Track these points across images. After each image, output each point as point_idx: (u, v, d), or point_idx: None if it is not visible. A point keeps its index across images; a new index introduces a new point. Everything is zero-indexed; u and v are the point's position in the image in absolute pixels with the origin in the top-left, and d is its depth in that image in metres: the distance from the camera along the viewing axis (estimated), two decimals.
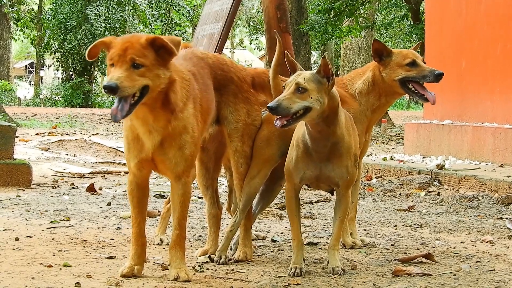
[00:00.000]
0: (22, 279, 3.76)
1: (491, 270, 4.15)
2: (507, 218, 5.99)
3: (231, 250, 4.47)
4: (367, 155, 10.62)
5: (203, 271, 4.09)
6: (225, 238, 4.33)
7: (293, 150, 4.08)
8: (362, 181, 8.28)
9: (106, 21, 35.50)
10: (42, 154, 10.78)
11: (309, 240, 5.02)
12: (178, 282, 3.78)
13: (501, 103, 9.54)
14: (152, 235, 4.97)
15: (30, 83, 57.95)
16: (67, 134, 14.86)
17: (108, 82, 3.52)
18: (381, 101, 4.80)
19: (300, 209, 4.20)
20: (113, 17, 35.79)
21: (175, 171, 3.83)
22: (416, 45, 5.00)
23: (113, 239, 4.93)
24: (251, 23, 50.83)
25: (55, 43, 37.02)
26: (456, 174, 7.87)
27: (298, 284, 3.80)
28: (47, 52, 38.70)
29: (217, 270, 4.12)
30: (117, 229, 5.28)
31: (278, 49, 4.31)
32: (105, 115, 24.45)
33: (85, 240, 4.83)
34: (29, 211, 5.97)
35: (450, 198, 7.01)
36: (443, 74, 4.66)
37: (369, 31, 22.64)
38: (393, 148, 13.72)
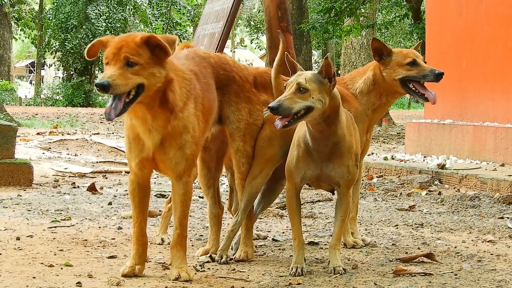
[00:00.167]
0: (23, 278, 3.76)
1: (492, 270, 4.14)
2: (508, 218, 5.99)
3: (232, 249, 4.46)
4: (368, 155, 10.62)
5: (204, 270, 4.09)
6: (226, 237, 4.33)
7: (294, 150, 4.08)
8: (363, 180, 8.28)
9: (107, 20, 35.54)
10: (43, 153, 10.78)
11: (310, 240, 5.02)
12: (179, 281, 3.78)
13: (502, 103, 9.54)
14: (153, 234, 4.97)
15: (31, 83, 57.97)
16: (68, 134, 14.86)
17: (100, 80, 3.52)
18: (381, 100, 4.79)
19: (301, 208, 4.20)
20: (114, 17, 35.83)
21: (176, 170, 3.83)
22: (416, 44, 4.99)
23: (114, 238, 4.93)
24: (251, 23, 50.86)
25: (56, 43, 37.07)
26: (457, 173, 7.86)
27: (299, 284, 3.80)
28: (48, 51, 38.76)
29: (218, 269, 4.12)
30: (118, 229, 5.28)
31: (281, 48, 4.31)
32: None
33: (86, 240, 4.83)
34: (30, 210, 5.97)
35: (451, 197, 7.00)
36: (444, 73, 4.66)
37: (369, 30, 22.65)
38: (394, 148, 13.71)
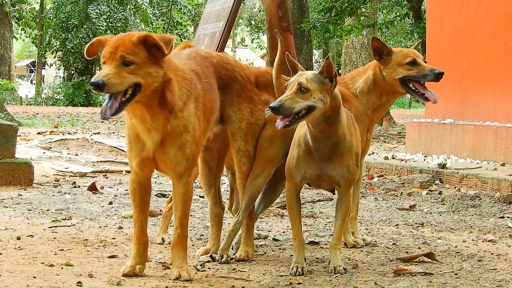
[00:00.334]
0: (23, 278, 3.76)
1: (492, 269, 4.15)
2: (508, 217, 5.99)
3: (232, 249, 4.47)
4: (369, 154, 10.62)
5: (204, 270, 4.09)
6: (227, 237, 4.33)
7: (294, 149, 4.08)
8: (363, 180, 8.28)
9: (108, 20, 35.55)
10: (44, 153, 10.78)
11: (310, 239, 5.02)
12: (180, 281, 3.78)
13: (502, 102, 9.54)
14: (153, 234, 4.97)
15: (31, 82, 57.96)
16: (68, 133, 14.86)
17: (95, 79, 3.52)
18: (382, 100, 4.79)
19: (301, 208, 4.21)
20: (114, 16, 35.84)
21: (176, 170, 3.83)
22: (416, 44, 4.99)
23: (114, 238, 4.93)
24: (252, 22, 50.87)
25: (56, 42, 37.09)
26: (458, 173, 7.86)
27: (299, 283, 3.80)
28: (49, 51, 38.78)
29: (218, 269, 4.12)
30: (118, 228, 5.28)
31: (280, 49, 4.31)
32: None
33: (86, 239, 4.83)
34: (30, 210, 5.97)
35: (451, 197, 7.00)
36: (444, 73, 4.66)
37: (370, 29, 22.66)
38: (394, 147, 13.71)
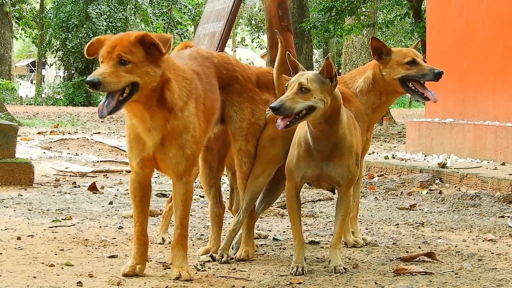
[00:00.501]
0: (24, 278, 3.76)
1: (492, 269, 4.15)
2: (508, 217, 5.99)
3: (232, 249, 4.47)
4: (369, 154, 10.62)
5: (205, 270, 4.09)
6: (228, 237, 4.33)
7: (294, 149, 4.08)
8: (363, 179, 8.28)
9: (108, 19, 35.54)
10: (44, 153, 10.77)
11: (310, 239, 5.02)
12: (180, 281, 3.78)
13: (502, 102, 9.54)
14: (154, 234, 4.97)
15: (31, 82, 57.95)
16: (68, 133, 14.86)
17: (91, 77, 3.53)
18: (381, 99, 4.80)
19: (301, 208, 4.21)
20: (114, 16, 35.83)
21: (176, 170, 3.84)
22: (415, 43, 4.99)
23: (115, 238, 4.93)
24: (252, 22, 50.85)
25: (56, 42, 37.07)
26: (458, 172, 7.86)
27: (300, 283, 3.80)
28: (49, 50, 38.77)
29: (219, 269, 4.13)
30: (119, 228, 5.28)
31: (281, 49, 4.31)
32: None
33: (87, 239, 4.83)
34: (31, 210, 5.97)
35: (451, 196, 7.00)
36: (443, 72, 4.66)
37: (370, 29, 22.64)
38: (394, 147, 13.71)
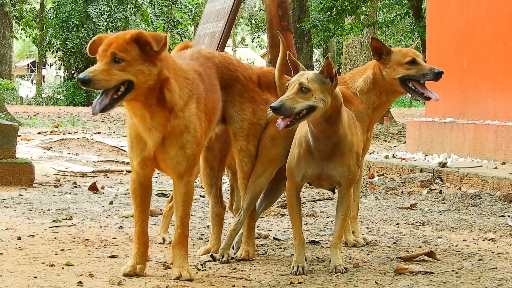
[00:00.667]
0: (24, 278, 3.76)
1: (493, 268, 4.15)
2: (509, 216, 5.99)
3: (233, 248, 4.47)
4: (369, 153, 10.62)
5: (205, 269, 4.10)
6: (228, 236, 4.34)
7: (295, 148, 4.08)
8: (364, 179, 8.28)
9: (108, 19, 35.52)
10: (44, 153, 10.77)
11: (311, 239, 5.02)
12: (181, 281, 3.78)
13: (502, 101, 9.54)
14: (154, 234, 4.97)
15: (32, 82, 57.94)
16: (69, 133, 14.86)
17: (82, 74, 3.55)
18: (381, 99, 4.80)
19: (301, 207, 4.21)
20: (114, 16, 35.82)
21: (177, 170, 3.84)
22: (414, 44, 4.99)
23: (115, 238, 4.93)
24: (252, 21, 50.84)
25: (57, 42, 37.05)
26: (458, 172, 7.86)
27: (300, 283, 3.80)
28: (49, 50, 38.74)
29: (219, 269, 4.13)
30: (119, 228, 5.28)
31: (282, 49, 4.31)
32: (107, 113, 24.45)
33: (87, 239, 4.83)
34: (31, 210, 5.97)
35: (452, 196, 7.00)
36: (443, 72, 4.66)
37: (370, 29, 22.63)
38: (395, 146, 13.71)
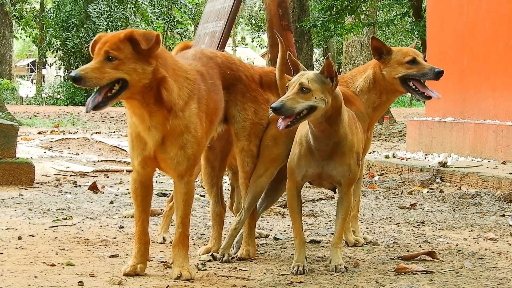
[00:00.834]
0: (25, 278, 3.76)
1: (493, 268, 4.15)
2: (509, 215, 5.99)
3: (233, 248, 4.47)
4: (369, 153, 10.62)
5: (206, 269, 4.10)
6: (229, 236, 4.34)
7: (295, 148, 4.09)
8: (364, 178, 8.28)
9: (108, 19, 35.52)
10: (45, 152, 10.77)
11: (311, 238, 5.02)
12: (181, 280, 3.79)
13: (503, 100, 9.54)
14: (155, 233, 4.98)
15: (32, 82, 57.95)
16: (69, 133, 14.86)
17: (73, 72, 3.58)
18: (382, 99, 4.80)
19: (302, 207, 4.21)
20: (114, 15, 35.81)
21: (177, 170, 3.84)
22: (413, 43, 5.00)
23: (115, 237, 4.93)
24: (253, 21, 50.82)
25: (57, 42, 37.05)
26: (459, 171, 7.86)
27: (300, 282, 3.80)
28: (49, 50, 38.74)
29: (219, 268, 4.13)
30: (119, 228, 5.28)
31: (281, 49, 4.31)
32: (107, 113, 24.46)
33: (87, 239, 4.84)
34: (31, 210, 5.97)
35: (452, 195, 7.00)
36: (443, 71, 4.66)
37: (371, 28, 22.63)
38: (395, 146, 13.71)
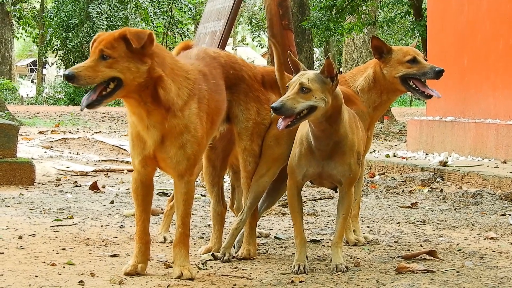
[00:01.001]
0: (25, 277, 3.76)
1: (494, 267, 4.15)
2: (510, 215, 5.99)
3: (234, 247, 4.47)
4: (370, 152, 10.62)
5: (206, 268, 4.10)
6: (230, 235, 4.34)
7: (296, 147, 4.09)
8: (365, 178, 8.28)
9: (108, 19, 35.53)
10: (45, 152, 10.77)
11: (312, 237, 5.02)
12: (182, 280, 3.79)
13: (503, 100, 9.54)
14: (155, 233, 4.98)
15: (32, 82, 57.96)
16: (70, 132, 14.86)
17: (67, 70, 3.60)
18: (382, 98, 4.80)
19: (302, 206, 4.21)
20: (115, 15, 35.82)
21: (177, 169, 3.84)
22: (413, 43, 5.00)
23: (116, 237, 4.93)
24: (253, 21, 50.83)
25: (57, 41, 37.07)
26: (459, 170, 7.86)
27: (301, 282, 3.80)
28: (50, 50, 38.76)
29: (220, 267, 4.13)
30: (120, 227, 5.28)
31: (276, 51, 4.32)
32: (108, 113, 24.46)
33: (88, 239, 4.84)
34: (32, 209, 5.97)
35: (453, 194, 7.00)
36: (444, 70, 4.66)
37: (371, 27, 22.62)
38: (396, 145, 13.71)
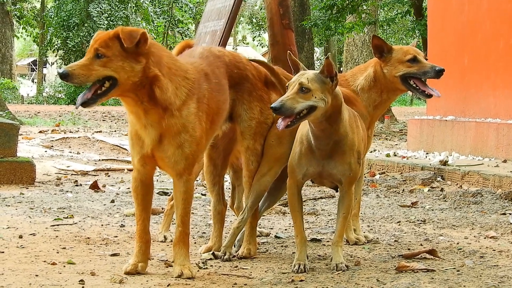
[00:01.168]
0: (26, 276, 3.77)
1: (494, 266, 4.15)
2: (510, 214, 5.99)
3: (234, 247, 4.47)
4: (370, 151, 10.62)
5: (206, 267, 4.10)
6: (231, 234, 4.34)
7: (296, 147, 4.09)
8: (365, 177, 8.28)
9: (109, 18, 35.56)
10: (46, 151, 10.78)
11: (312, 237, 5.02)
12: (182, 279, 3.79)
13: (504, 99, 9.54)
14: (155, 232, 4.98)
15: (33, 81, 57.98)
16: (70, 132, 14.86)
17: (61, 69, 3.63)
18: (382, 97, 4.80)
19: (303, 205, 4.21)
20: (115, 15, 35.85)
21: (175, 169, 3.84)
22: (413, 43, 5.00)
23: (116, 236, 4.94)
24: (253, 20, 50.84)
25: (57, 41, 37.10)
26: (460, 169, 7.86)
27: (301, 281, 3.80)
28: (50, 49, 38.80)
29: (220, 267, 4.13)
30: (120, 227, 5.29)
31: (276, 77, 4.38)
32: (108, 112, 24.47)
33: (88, 238, 4.84)
34: (32, 209, 5.98)
35: (453, 193, 7.00)
36: (444, 70, 4.66)
37: (372, 27, 22.63)
38: (396, 144, 13.71)
